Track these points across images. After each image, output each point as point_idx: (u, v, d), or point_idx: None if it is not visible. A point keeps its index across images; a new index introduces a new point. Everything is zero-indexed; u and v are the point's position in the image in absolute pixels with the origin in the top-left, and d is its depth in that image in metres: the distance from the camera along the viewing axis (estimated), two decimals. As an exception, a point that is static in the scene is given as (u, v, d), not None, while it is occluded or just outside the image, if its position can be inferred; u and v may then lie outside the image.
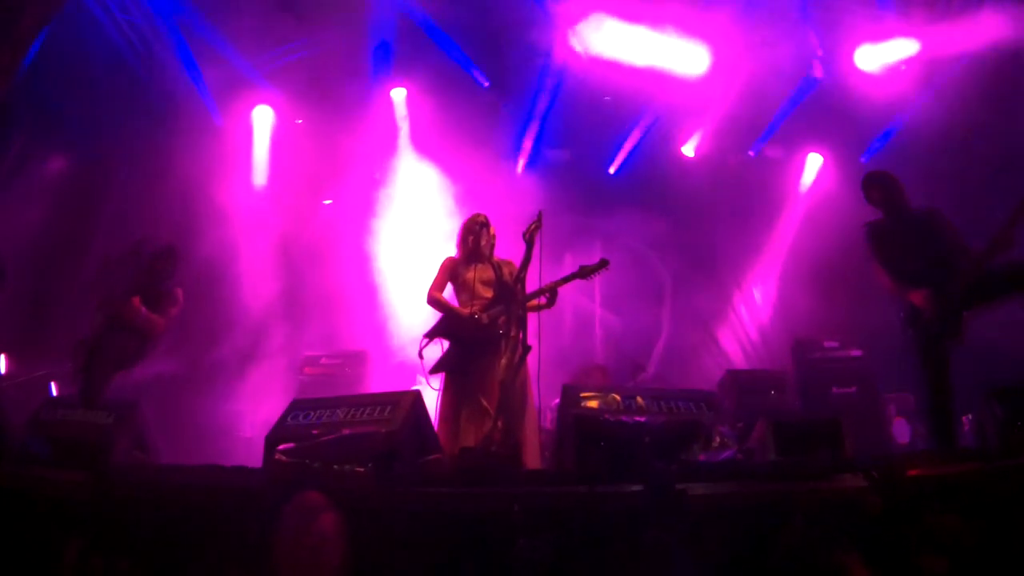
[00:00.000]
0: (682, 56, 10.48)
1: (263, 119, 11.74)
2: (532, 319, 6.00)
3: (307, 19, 10.40)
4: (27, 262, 9.38)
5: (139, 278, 7.63)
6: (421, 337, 6.27)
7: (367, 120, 11.72)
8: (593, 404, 4.87)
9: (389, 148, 11.93)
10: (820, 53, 10.41)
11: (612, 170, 11.96)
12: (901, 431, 8.53)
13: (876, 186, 6.38)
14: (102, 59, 9.98)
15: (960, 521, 3.77)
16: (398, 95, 11.72)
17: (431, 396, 5.94)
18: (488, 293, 6.32)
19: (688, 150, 11.66)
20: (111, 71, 10.16)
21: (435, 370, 6.19)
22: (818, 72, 10.49)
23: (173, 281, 7.68)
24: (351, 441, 4.63)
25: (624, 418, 4.72)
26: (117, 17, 9.87)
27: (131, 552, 4.17)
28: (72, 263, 10.00)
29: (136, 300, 7.32)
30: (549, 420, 7.46)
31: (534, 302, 6.18)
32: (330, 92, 11.49)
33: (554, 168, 11.87)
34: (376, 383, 9.48)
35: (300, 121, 11.74)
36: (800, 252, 10.27)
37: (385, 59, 10.98)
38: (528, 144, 11.82)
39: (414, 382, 5.67)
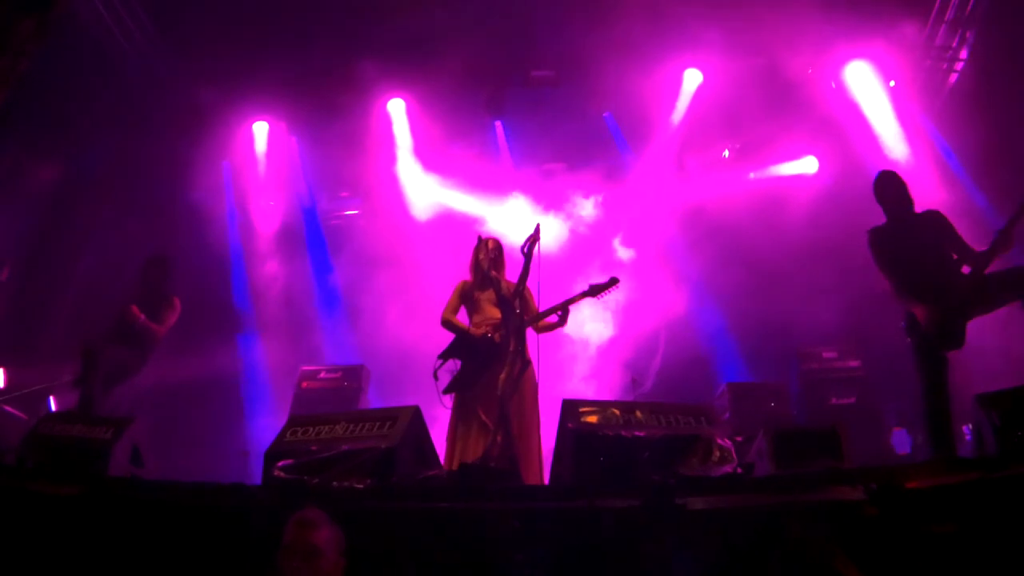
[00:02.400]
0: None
1: (260, 130, 11.77)
2: (532, 335, 6.03)
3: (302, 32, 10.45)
4: (22, 270, 9.39)
5: (136, 287, 7.68)
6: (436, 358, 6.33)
7: (365, 132, 11.75)
8: (592, 418, 4.85)
9: (389, 160, 11.96)
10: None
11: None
12: (901, 442, 8.50)
13: (879, 186, 6.37)
14: (99, 67, 10.00)
15: (960, 532, 3.77)
16: (396, 107, 11.76)
17: (437, 413, 5.96)
18: (498, 311, 6.35)
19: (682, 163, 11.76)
20: (108, 79, 10.19)
21: (448, 390, 6.22)
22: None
23: (168, 289, 7.72)
24: (350, 457, 4.62)
25: (623, 432, 4.71)
26: (113, 27, 9.90)
27: (126, 565, 4.16)
28: (67, 272, 10.01)
29: (134, 307, 7.37)
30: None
31: (546, 321, 6.22)
32: (327, 105, 11.52)
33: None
34: (375, 398, 9.47)
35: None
36: (799, 261, 10.28)
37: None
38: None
39: (413, 397, 5.66)
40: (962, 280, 5.74)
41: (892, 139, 10.30)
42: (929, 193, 8.46)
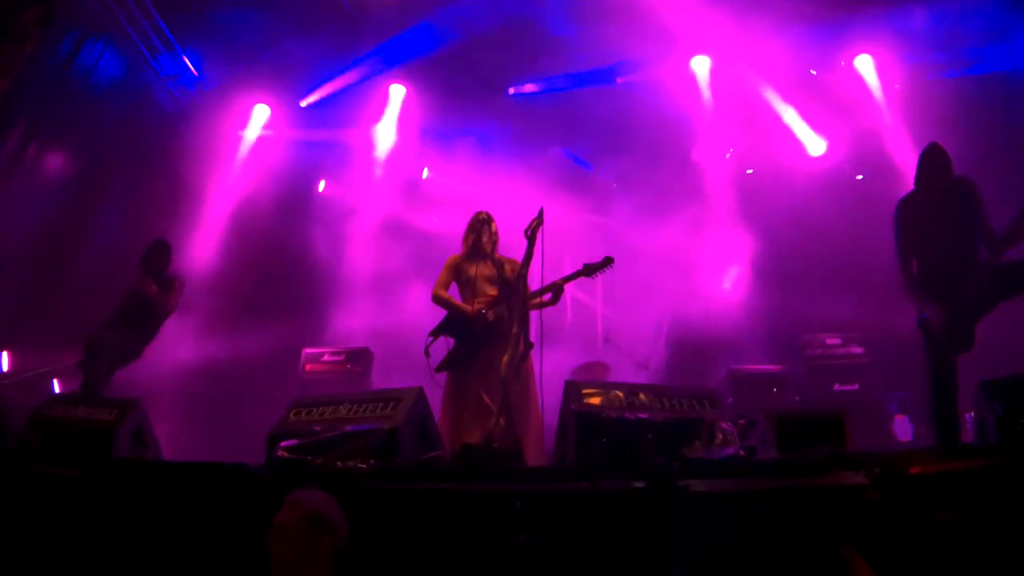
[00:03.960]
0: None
1: (262, 115, 11.74)
2: (534, 316, 6.02)
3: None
4: (27, 257, 9.38)
5: (139, 273, 7.70)
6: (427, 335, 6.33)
7: (367, 115, 11.76)
8: (595, 400, 4.85)
9: (394, 143, 11.97)
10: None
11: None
12: (903, 429, 8.51)
13: (923, 156, 6.19)
14: (102, 53, 10.00)
15: (961, 518, 3.78)
16: (397, 92, 11.74)
17: (435, 392, 5.95)
18: (492, 290, 6.35)
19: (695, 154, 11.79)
20: (111, 66, 10.18)
21: (440, 368, 6.22)
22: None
23: (171, 273, 7.78)
24: (354, 438, 4.63)
25: (627, 414, 4.71)
26: (117, 13, 9.89)
27: (129, 548, 4.18)
28: (72, 258, 10.00)
29: (150, 279, 7.45)
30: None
31: (538, 299, 6.20)
32: (329, 86, 11.52)
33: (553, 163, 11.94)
34: (379, 380, 9.48)
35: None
36: (806, 248, 10.28)
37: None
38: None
39: (417, 379, 5.67)
40: (978, 270, 5.68)
41: (901, 130, 10.29)
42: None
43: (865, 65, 10.77)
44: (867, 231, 8.86)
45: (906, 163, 6.53)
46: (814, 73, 10.85)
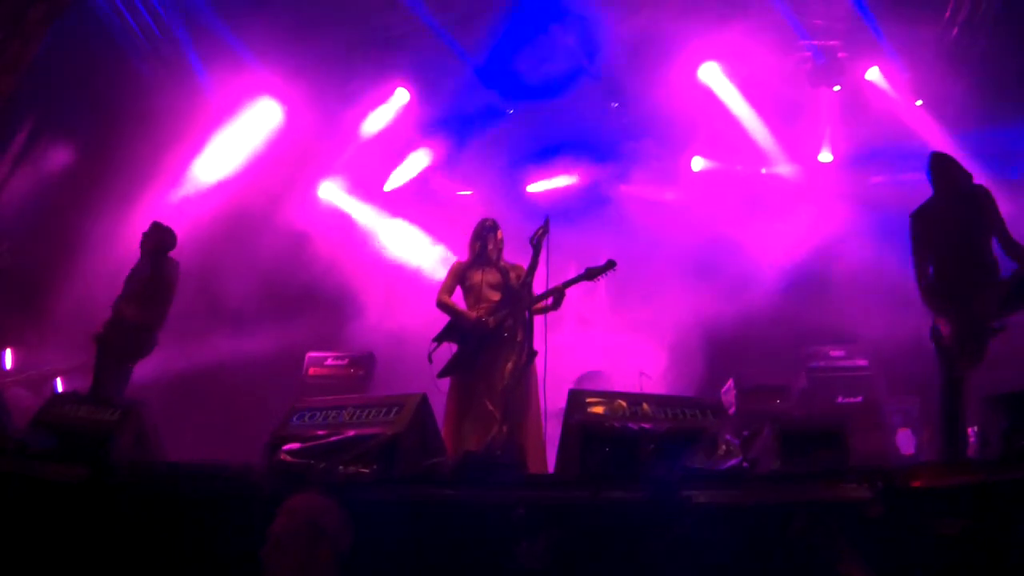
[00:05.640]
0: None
1: (268, 112, 11.69)
2: (538, 324, 6.03)
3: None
4: (29, 254, 9.40)
5: (135, 271, 7.60)
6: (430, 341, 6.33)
7: (370, 118, 11.77)
8: (599, 409, 4.86)
9: (398, 149, 11.98)
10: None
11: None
12: (905, 442, 8.50)
13: (931, 166, 6.17)
14: (107, 50, 10.01)
15: (964, 532, 3.77)
16: (401, 96, 11.74)
17: (438, 398, 5.95)
18: (495, 296, 6.35)
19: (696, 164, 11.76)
20: (116, 63, 10.19)
21: (443, 373, 6.23)
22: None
23: (166, 256, 7.60)
24: (356, 442, 4.64)
25: (629, 424, 4.72)
26: (122, 9, 9.91)
27: (130, 548, 4.18)
28: (76, 254, 10.01)
29: (124, 309, 7.28)
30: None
31: (540, 304, 6.20)
32: (337, 87, 11.52)
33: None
34: (382, 385, 9.47)
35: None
36: (810, 258, 10.28)
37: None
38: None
39: (421, 384, 5.67)
40: (996, 283, 5.64)
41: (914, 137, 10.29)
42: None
43: (873, 73, 10.77)
44: (873, 242, 8.88)
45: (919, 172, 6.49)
46: (837, 88, 10.82)
